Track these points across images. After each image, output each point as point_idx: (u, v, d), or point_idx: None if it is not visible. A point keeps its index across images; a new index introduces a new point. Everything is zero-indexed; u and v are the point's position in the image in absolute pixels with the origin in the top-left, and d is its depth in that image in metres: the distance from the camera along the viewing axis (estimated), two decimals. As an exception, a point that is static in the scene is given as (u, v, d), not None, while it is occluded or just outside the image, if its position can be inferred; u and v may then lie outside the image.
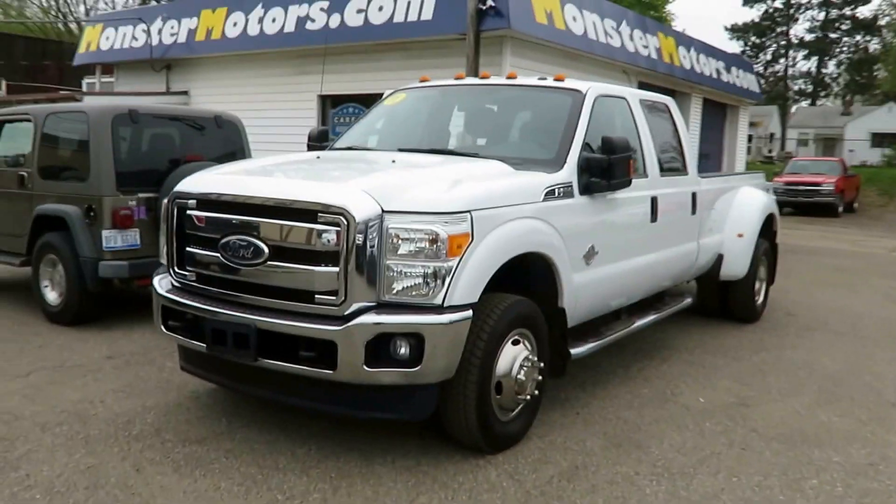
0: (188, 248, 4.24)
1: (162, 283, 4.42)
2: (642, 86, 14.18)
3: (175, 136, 6.96)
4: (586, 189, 4.78)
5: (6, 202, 7.26)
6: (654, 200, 5.61)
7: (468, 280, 3.81)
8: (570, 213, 4.63)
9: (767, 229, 8.03)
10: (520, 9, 10.19)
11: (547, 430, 4.60)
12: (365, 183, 3.89)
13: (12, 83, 23.13)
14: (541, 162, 4.73)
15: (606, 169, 4.79)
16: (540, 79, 5.55)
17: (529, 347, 4.32)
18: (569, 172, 4.68)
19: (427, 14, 10.60)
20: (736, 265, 7.29)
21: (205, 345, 4.06)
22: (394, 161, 4.55)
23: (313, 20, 11.67)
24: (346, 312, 3.69)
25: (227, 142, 7.34)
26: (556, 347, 4.73)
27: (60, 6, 40.27)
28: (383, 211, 3.70)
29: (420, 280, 3.71)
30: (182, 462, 3.98)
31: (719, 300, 7.68)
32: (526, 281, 4.52)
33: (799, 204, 23.13)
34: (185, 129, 7.01)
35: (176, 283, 4.34)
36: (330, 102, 12.55)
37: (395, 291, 3.71)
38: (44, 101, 13.02)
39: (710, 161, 18.36)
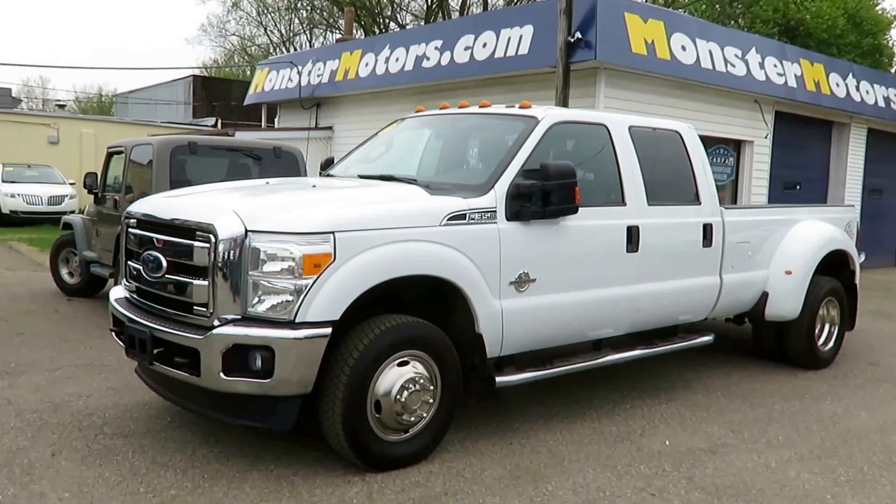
0: (129, 263, 4.75)
1: (115, 293, 4.96)
2: (781, 116, 13.28)
3: (233, 166, 7.64)
4: (516, 215, 4.71)
5: (108, 223, 8.34)
6: (631, 230, 5.36)
7: (327, 298, 3.94)
8: (489, 239, 4.59)
9: (838, 268, 7.26)
10: (611, 40, 10.01)
11: (458, 456, 4.56)
12: (239, 205, 4.18)
13: (227, 121, 26.05)
14: (467, 188, 4.74)
15: (544, 196, 4.71)
16: (508, 107, 5.52)
17: (423, 370, 4.33)
18: (492, 198, 4.65)
19: (524, 49, 10.73)
20: (784, 305, 6.67)
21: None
22: (314, 186, 4.80)
23: (428, 58, 12.20)
24: (213, 324, 3.97)
25: (284, 171, 7.92)
26: (482, 374, 4.70)
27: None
28: (247, 230, 3.96)
29: (276, 296, 3.92)
30: (94, 453, 4.42)
31: (776, 343, 7.04)
32: (447, 305, 4.56)
33: None
34: (244, 159, 7.68)
35: (122, 293, 4.86)
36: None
37: (255, 306, 3.94)
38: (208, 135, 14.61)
39: (886, 197, 16.60)
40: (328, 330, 3.95)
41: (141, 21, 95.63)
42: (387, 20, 34.44)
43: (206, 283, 4.02)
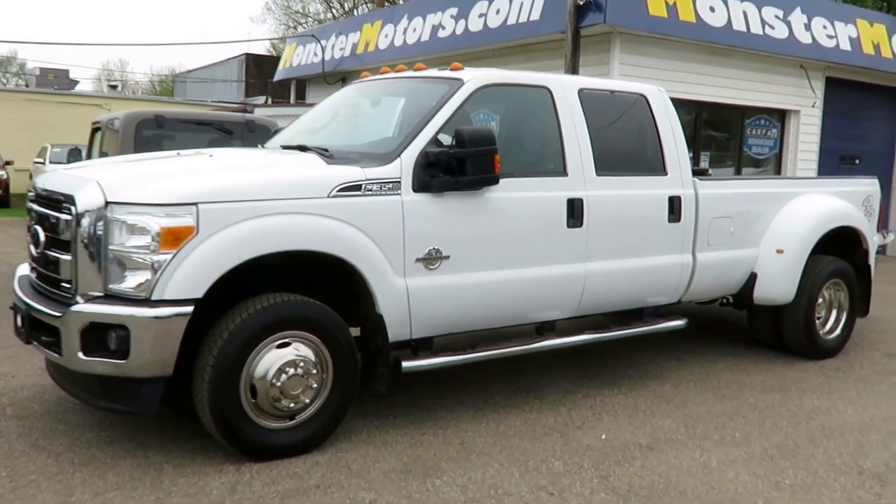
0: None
1: (21, 270, 4.81)
2: (833, 82, 12.26)
3: (203, 140, 7.45)
4: (424, 187, 4.33)
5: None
6: (573, 203, 4.89)
7: (188, 274, 3.68)
8: (390, 212, 4.23)
9: (848, 247, 6.56)
10: (624, 2, 9.36)
11: (357, 446, 4.24)
12: (106, 175, 3.94)
13: (279, 99, 26.18)
14: (373, 156, 4.39)
15: (459, 165, 4.32)
16: (439, 69, 5.11)
17: (308, 353, 4.02)
18: (396, 168, 4.28)
19: (535, 14, 10.18)
20: (774, 287, 6.05)
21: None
22: (210, 156, 4.52)
23: (444, 27, 11.77)
24: (75, 300, 3.77)
25: (258, 144, 7.70)
26: (385, 358, 4.36)
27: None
28: (107, 202, 3.72)
29: (135, 272, 3.68)
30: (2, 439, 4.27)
31: (773, 330, 6.41)
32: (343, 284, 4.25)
33: None
34: (214, 133, 7.50)
35: (26, 270, 4.71)
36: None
37: (116, 282, 3.71)
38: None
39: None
40: (189, 309, 3.68)
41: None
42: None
43: (69, 257, 3.81)
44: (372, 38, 13.81)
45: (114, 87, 37.04)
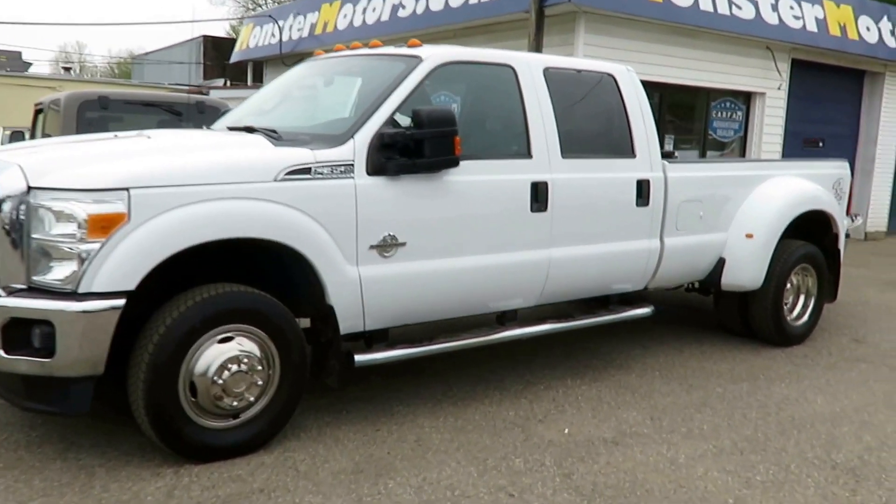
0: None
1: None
2: (799, 64, 12.18)
3: (150, 122, 7.10)
4: (379, 170, 4.06)
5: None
6: (538, 186, 4.66)
7: (119, 265, 3.38)
8: (342, 197, 3.96)
9: (818, 231, 6.43)
10: (590, -21, 9.12)
11: (307, 445, 3.99)
12: (30, 158, 3.62)
13: (237, 82, 25.58)
14: (324, 138, 4.10)
15: (416, 147, 4.06)
16: (397, 47, 4.83)
17: (253, 348, 3.75)
18: (349, 150, 4.00)
19: (498, -8, 9.90)
20: (743, 272, 5.89)
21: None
22: (149, 137, 4.20)
23: (404, 7, 11.44)
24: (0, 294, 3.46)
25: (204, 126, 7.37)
26: (337, 351, 4.11)
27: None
28: (30, 187, 3.41)
29: (61, 262, 3.38)
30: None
31: (740, 316, 6.26)
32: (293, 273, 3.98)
33: None
34: (162, 115, 7.15)
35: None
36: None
37: (40, 273, 3.41)
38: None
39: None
40: (120, 302, 3.39)
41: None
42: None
43: (-8, 247, 3.50)
44: (331, 18, 13.40)
45: (67, 69, 35.93)
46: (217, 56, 28.63)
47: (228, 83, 23.72)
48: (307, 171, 3.87)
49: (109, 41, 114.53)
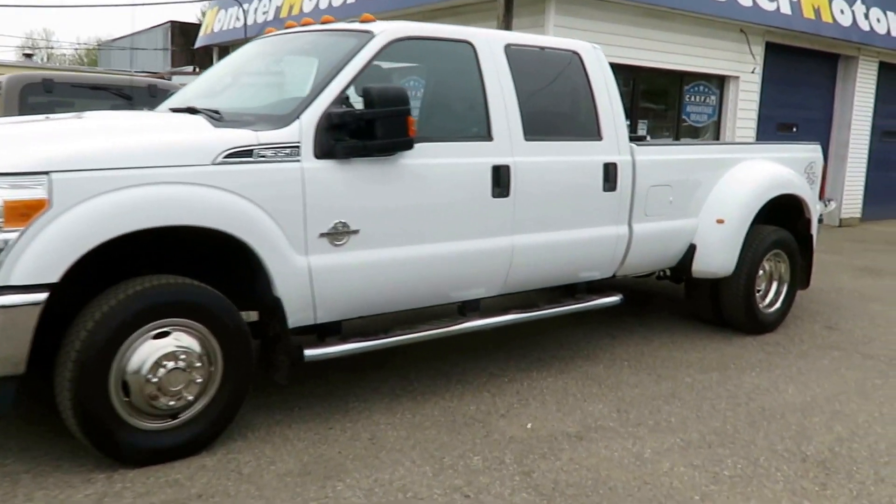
0: None
1: None
2: (773, 47, 12.04)
3: (99, 106, 6.78)
4: (328, 152, 3.83)
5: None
6: (499, 170, 4.44)
7: (41, 255, 3.12)
8: (288, 181, 3.72)
9: (790, 216, 6.28)
10: (559, -42, 8.89)
11: (253, 445, 3.76)
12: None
13: (204, 68, 25.16)
14: (269, 118, 3.86)
15: (367, 127, 3.82)
16: (349, 21, 4.59)
17: (192, 344, 3.51)
18: (294, 131, 3.76)
19: (466, -29, 9.64)
20: (713, 259, 5.72)
21: None
22: (81, 118, 3.93)
23: (371, -13, 11.15)
24: (-87, 287, 3.19)
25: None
26: (285, 346, 3.87)
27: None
28: (-57, 171, 3.14)
29: (-28, 253, 3.11)
30: None
31: (711, 304, 6.10)
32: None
33: None
34: (112, 98, 6.83)
35: None
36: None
37: (-47, 265, 3.14)
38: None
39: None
40: (41, 296, 3.13)
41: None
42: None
43: None
44: (296, 0, 13.06)
45: (30, 55, 35.11)
46: (185, 42, 28.08)
47: (197, 70, 23.25)
48: (248, 153, 3.62)
49: (78, 29, 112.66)
